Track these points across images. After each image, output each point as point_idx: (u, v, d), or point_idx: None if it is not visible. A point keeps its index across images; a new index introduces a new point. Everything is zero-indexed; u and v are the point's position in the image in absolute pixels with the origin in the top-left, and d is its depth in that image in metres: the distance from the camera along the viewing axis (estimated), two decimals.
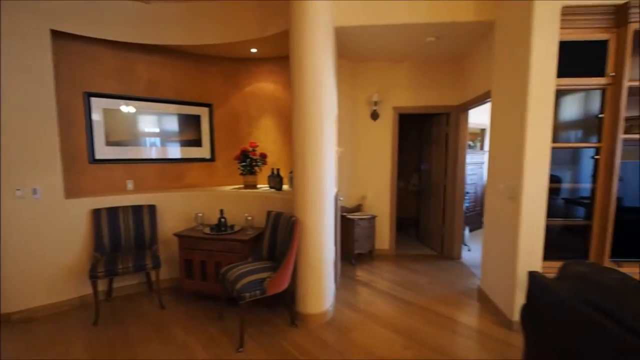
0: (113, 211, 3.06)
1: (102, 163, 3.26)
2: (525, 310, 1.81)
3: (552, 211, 2.65)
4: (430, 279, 3.61)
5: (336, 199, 3.16)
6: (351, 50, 3.68)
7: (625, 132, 2.45)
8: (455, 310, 2.92)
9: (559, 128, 2.68)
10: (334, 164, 3.20)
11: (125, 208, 3.12)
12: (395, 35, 3.22)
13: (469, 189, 5.20)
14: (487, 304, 2.95)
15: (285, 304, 2.80)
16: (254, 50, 3.50)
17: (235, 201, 3.37)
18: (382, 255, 4.37)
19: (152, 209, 3.19)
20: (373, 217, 4.12)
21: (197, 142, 3.71)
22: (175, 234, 3.02)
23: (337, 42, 3.38)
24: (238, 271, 2.43)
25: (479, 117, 5.29)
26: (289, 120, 3.65)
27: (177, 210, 3.37)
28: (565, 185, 2.65)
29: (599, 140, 2.45)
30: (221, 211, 3.10)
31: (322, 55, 2.47)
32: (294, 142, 2.57)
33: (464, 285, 3.45)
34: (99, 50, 3.18)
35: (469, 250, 4.53)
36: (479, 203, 5.76)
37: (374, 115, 4.17)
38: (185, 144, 3.65)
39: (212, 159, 3.82)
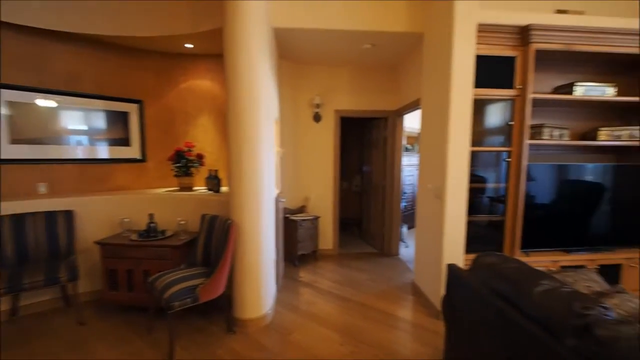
0: (19, 218, 2.69)
1: (7, 163, 2.84)
2: (445, 300, 1.96)
3: (476, 208, 2.93)
4: (370, 276, 3.75)
5: (277, 201, 3.14)
6: (293, 52, 3.69)
7: (531, 138, 2.80)
8: (391, 304, 3.06)
9: (483, 133, 2.97)
10: (275, 165, 3.18)
11: (35, 215, 2.75)
12: (334, 40, 3.30)
13: (407, 189, 5.52)
14: (419, 297, 3.15)
15: (221, 311, 2.70)
16: (189, 45, 3.33)
17: (168, 205, 3.16)
18: (326, 255, 4.44)
19: (69, 215, 2.86)
20: (316, 218, 4.17)
21: (124, 141, 3.42)
22: (97, 242, 2.74)
23: (277, 43, 3.36)
24: (168, 279, 2.29)
25: (417, 121, 5.64)
26: None
27: (100, 216, 3.06)
28: (490, 185, 2.94)
29: (510, 145, 2.77)
30: (151, 215, 2.89)
31: (257, 55, 2.43)
32: (230, 143, 2.49)
33: (400, 281, 3.64)
34: (3, 34, 2.77)
35: (406, 247, 4.80)
36: (416, 202, 6.14)
37: (317, 118, 4.23)
38: (112, 142, 3.34)
39: (143, 160, 3.54)
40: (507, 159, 2.78)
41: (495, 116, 2.88)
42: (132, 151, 3.47)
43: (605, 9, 3.13)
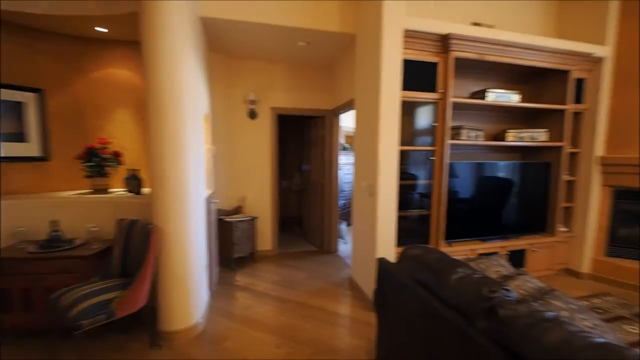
0: None
1: None
2: (376, 293, 2.03)
3: (407, 204, 3.10)
4: (309, 275, 3.75)
5: (209, 202, 2.96)
6: (225, 44, 3.51)
7: (452, 139, 3.04)
8: (329, 301, 3.09)
9: (413, 134, 3.15)
10: (206, 164, 2.99)
11: None
12: (268, 35, 3.21)
13: (346, 187, 5.66)
14: (356, 292, 3.23)
15: (146, 325, 2.45)
16: (102, 29, 2.96)
17: (77, 210, 2.76)
18: (265, 256, 4.33)
19: None
20: (254, 219, 4.04)
21: (19, 137, 2.90)
22: None
23: (207, 33, 3.16)
24: (75, 294, 1.99)
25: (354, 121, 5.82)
26: None
27: None
28: (419, 182, 3.13)
29: (434, 145, 2.98)
30: (53, 223, 2.49)
31: (181, 43, 2.24)
32: (150, 139, 2.26)
33: (338, 277, 3.71)
34: None
35: (345, 243, 4.92)
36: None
37: (252, 114, 4.09)
38: (2, 138, 2.81)
39: (45, 158, 3.05)
40: (432, 158, 2.99)
41: (422, 118, 3.08)
42: (30, 148, 2.96)
43: (513, 24, 3.55)
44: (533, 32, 3.57)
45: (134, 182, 2.93)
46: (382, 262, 1.95)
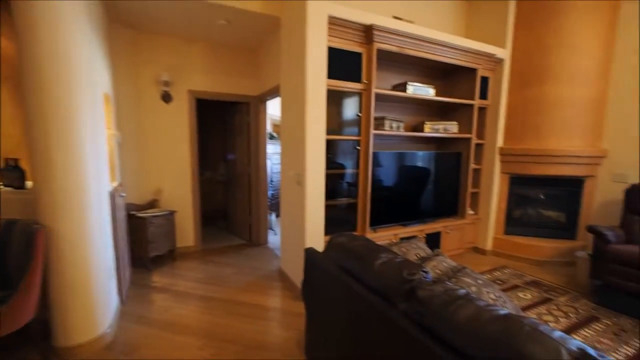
0: None
1: None
2: (304, 283, 1.99)
3: (337, 192, 3.12)
4: (236, 269, 3.58)
5: (114, 195, 2.58)
6: (131, 15, 3.06)
7: (375, 129, 3.14)
8: (257, 295, 2.98)
9: (341, 123, 3.16)
10: (109, 152, 2.59)
11: None
12: (182, 10, 2.89)
13: (275, 177, 5.53)
14: (286, 283, 3.18)
15: (34, 341, 2.05)
16: None
17: None
18: (187, 253, 4.01)
19: None
20: (171, 213, 3.68)
21: None
22: None
23: (109, 4, 2.71)
24: None
25: None
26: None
27: None
28: (347, 171, 3.16)
29: (359, 134, 3.04)
30: None
31: (65, 5, 1.86)
32: (28, 120, 1.85)
33: (268, 269, 3.61)
34: None
35: (275, 234, 4.82)
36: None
37: (166, 97, 3.68)
38: None
39: None
40: (358, 147, 3.06)
41: (348, 108, 3.11)
42: None
43: (429, 22, 3.79)
44: (447, 31, 3.87)
45: (13, 174, 2.40)
46: (309, 252, 1.92)
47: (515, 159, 3.85)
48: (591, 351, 0.83)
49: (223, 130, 5.28)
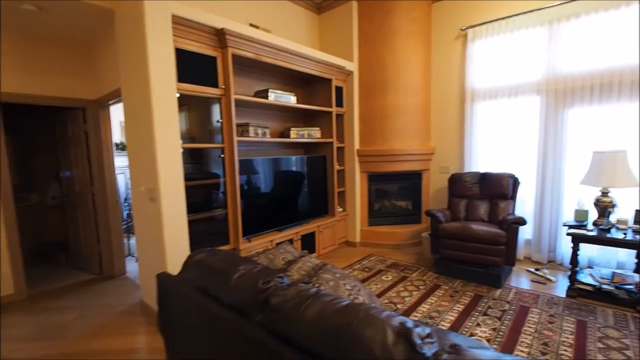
0: None
1: None
2: (159, 315, 1.74)
3: (203, 205, 2.86)
4: (81, 313, 2.90)
5: None
6: None
7: (240, 135, 3.05)
8: (113, 338, 2.47)
9: (202, 131, 2.92)
10: None
11: None
12: None
13: (129, 194, 4.79)
14: (151, 317, 2.74)
15: None
16: None
17: None
18: (5, 305, 3.03)
19: None
20: None
21: None
22: None
23: None
24: None
25: None
26: None
27: None
28: (216, 181, 2.94)
29: (223, 142, 2.89)
30: None
31: None
32: None
33: (126, 304, 3.05)
34: None
35: (136, 261, 4.15)
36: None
37: None
38: None
39: None
40: (222, 155, 2.90)
41: (209, 114, 2.92)
42: None
43: (288, 33, 3.93)
44: (303, 42, 4.11)
45: None
46: (162, 279, 1.67)
47: (370, 159, 4.37)
48: (410, 323, 0.94)
49: (53, 141, 4.24)
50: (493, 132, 3.94)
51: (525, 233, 3.78)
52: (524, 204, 3.77)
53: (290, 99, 3.51)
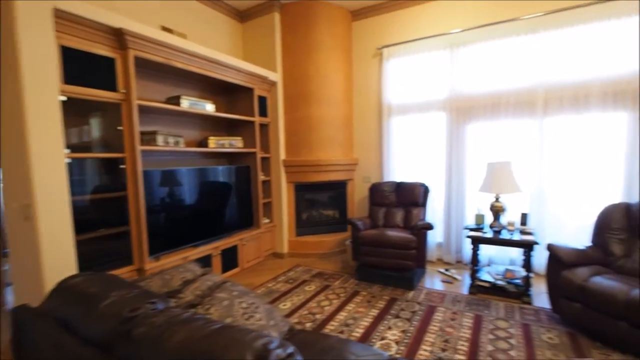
0: None
1: None
2: (14, 354, 1.47)
3: (99, 222, 2.55)
4: None
5: None
6: None
7: (146, 144, 2.81)
8: None
9: (97, 139, 2.62)
10: None
11: None
12: None
13: None
14: None
15: None
16: None
17: None
18: None
19: None
20: None
21: None
22: None
23: None
24: None
25: None
26: None
27: None
28: (115, 194, 2.64)
29: (123, 151, 2.63)
30: None
31: None
32: None
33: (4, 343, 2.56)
34: None
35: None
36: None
37: None
38: None
39: None
40: (122, 166, 2.64)
41: (106, 120, 2.65)
42: None
43: (209, 39, 3.78)
44: (225, 50, 4.00)
45: None
46: (18, 312, 1.42)
47: (296, 169, 4.37)
48: (273, 344, 0.91)
49: None
50: (407, 144, 4.24)
51: (437, 237, 4.09)
52: (435, 211, 4.09)
53: (205, 107, 3.35)
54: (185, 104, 3.11)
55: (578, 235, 3.25)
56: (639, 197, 3.04)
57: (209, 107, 3.38)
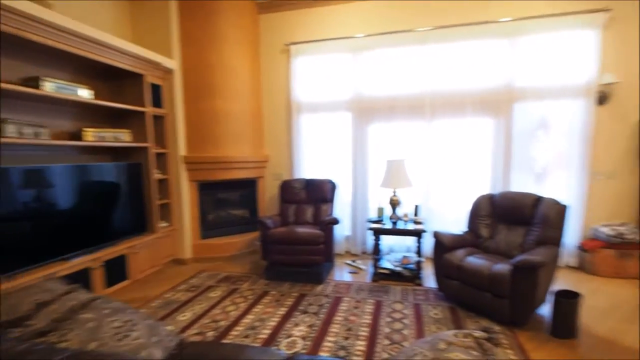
0: None
1: None
2: None
3: None
4: None
5: None
6: None
7: None
8: None
9: None
10: None
11: None
12: None
13: None
14: None
15: None
16: None
17: None
18: None
19: None
20: None
21: None
22: None
23: None
24: None
25: None
26: None
27: None
28: None
29: None
30: None
31: None
32: None
33: None
34: None
35: None
36: None
37: None
38: None
39: None
40: None
41: None
42: None
43: (89, 16, 3.16)
44: (108, 29, 3.43)
45: None
46: None
47: (200, 166, 4.03)
48: None
49: None
50: (317, 142, 4.31)
51: (345, 230, 4.26)
52: (343, 205, 4.25)
53: (79, 92, 2.81)
54: (50, 86, 2.55)
55: (458, 222, 3.76)
56: (501, 189, 3.67)
57: (84, 93, 2.85)
